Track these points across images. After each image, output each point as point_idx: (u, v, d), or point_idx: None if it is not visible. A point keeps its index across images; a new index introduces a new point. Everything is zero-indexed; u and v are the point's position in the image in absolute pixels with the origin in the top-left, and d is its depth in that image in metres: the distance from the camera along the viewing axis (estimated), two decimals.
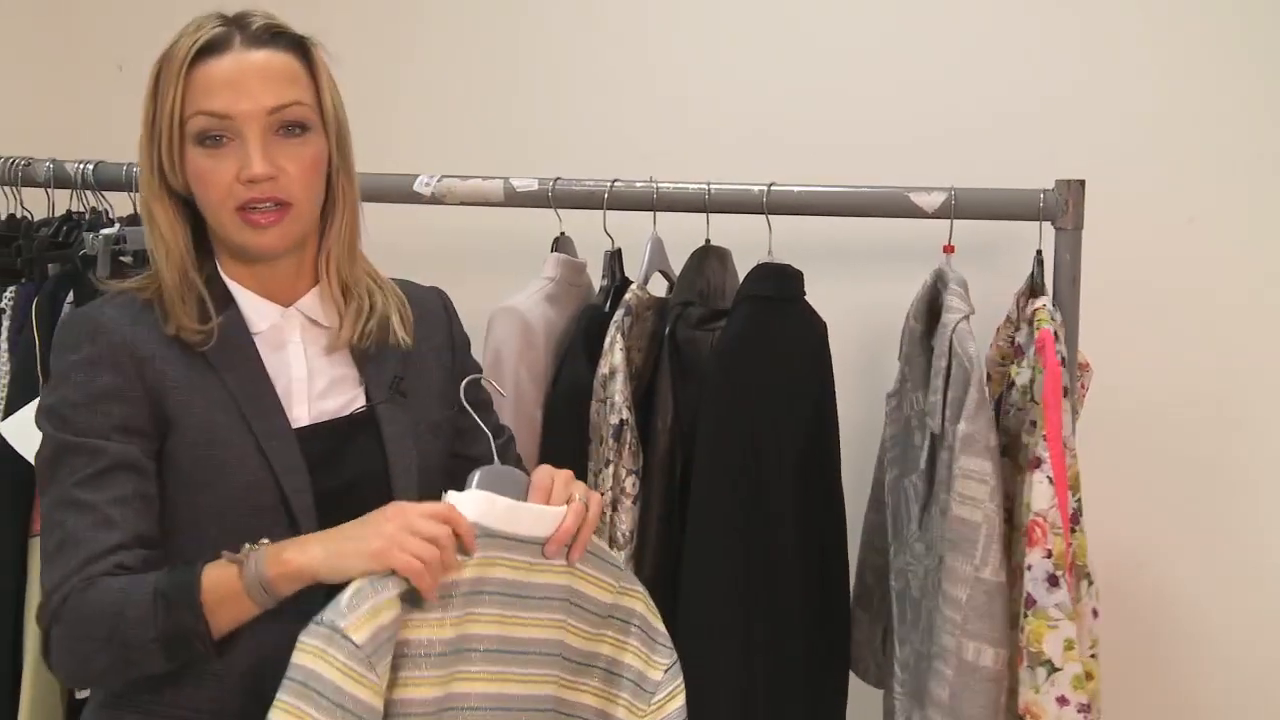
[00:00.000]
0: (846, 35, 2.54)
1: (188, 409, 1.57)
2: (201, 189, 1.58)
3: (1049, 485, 1.93)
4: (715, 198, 2.17)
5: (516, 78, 2.71)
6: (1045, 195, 2.07)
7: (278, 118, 1.58)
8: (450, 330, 1.81)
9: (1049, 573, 1.91)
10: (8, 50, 2.92)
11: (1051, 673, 1.91)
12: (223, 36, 1.57)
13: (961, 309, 2.02)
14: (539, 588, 1.58)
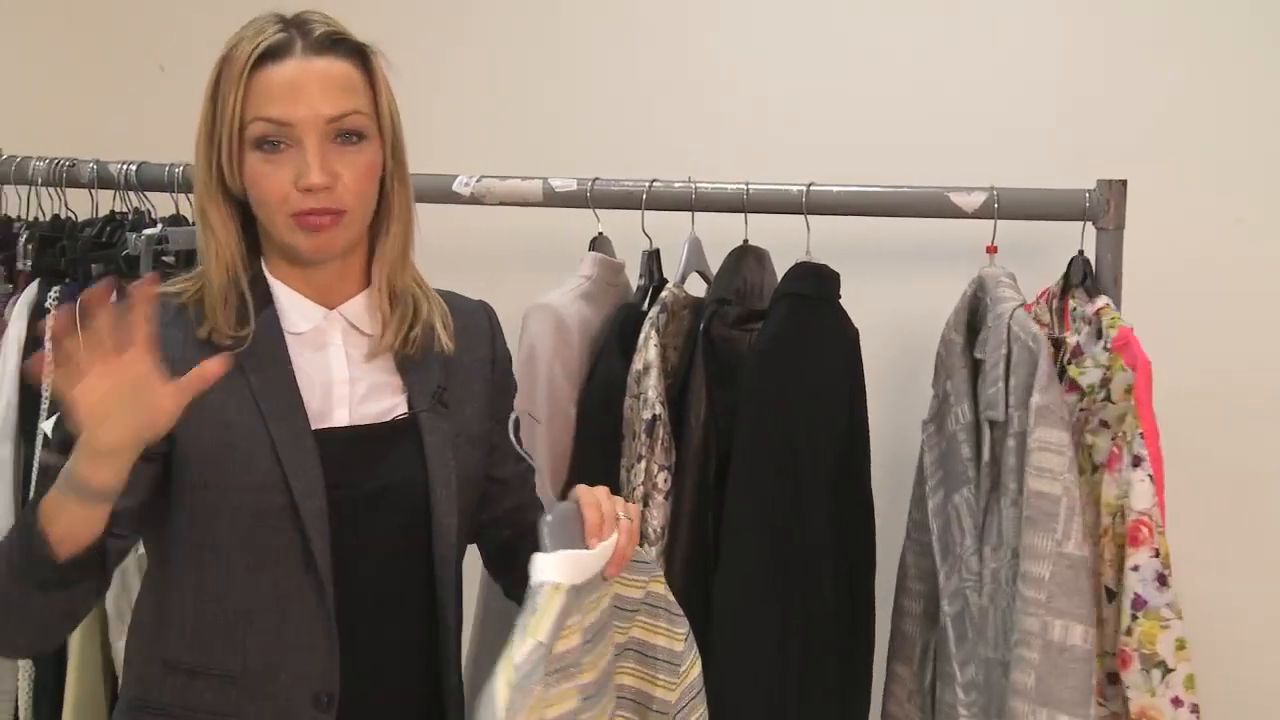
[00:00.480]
0: (885, 35, 2.53)
1: (203, 410, 1.53)
2: (257, 193, 1.59)
3: (1150, 484, 1.91)
4: (754, 198, 2.17)
5: (556, 78, 2.71)
6: (1089, 195, 2.06)
7: (336, 126, 1.58)
8: (493, 345, 1.81)
9: (1158, 572, 1.89)
10: (52, 52, 2.95)
11: (1166, 674, 1.89)
12: (284, 42, 1.57)
13: (1015, 298, 2.00)
14: (603, 612, 1.62)
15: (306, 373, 1.64)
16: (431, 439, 1.67)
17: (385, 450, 1.66)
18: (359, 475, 1.63)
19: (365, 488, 1.63)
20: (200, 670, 1.60)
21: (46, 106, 2.90)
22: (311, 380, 1.64)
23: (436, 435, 1.67)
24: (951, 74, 2.48)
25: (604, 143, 2.64)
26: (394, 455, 1.66)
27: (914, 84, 2.50)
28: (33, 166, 2.52)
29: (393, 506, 1.64)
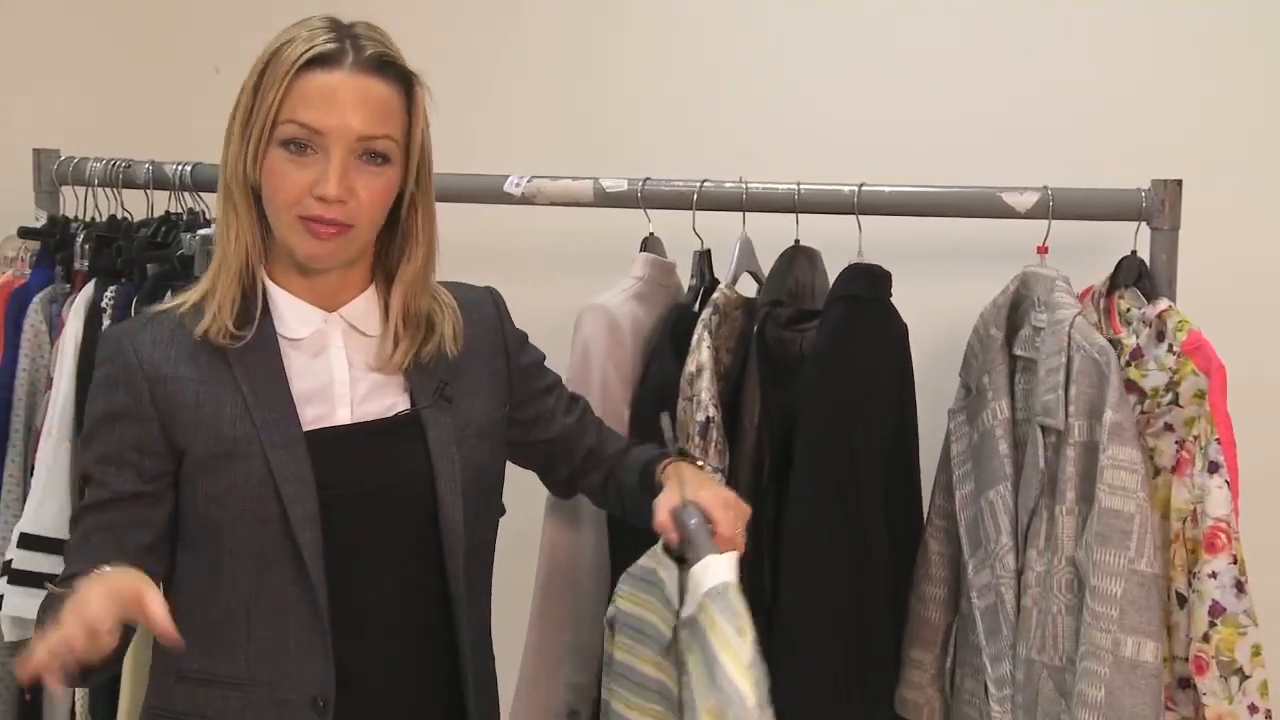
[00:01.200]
0: (935, 35, 2.52)
1: (198, 426, 1.62)
2: (273, 188, 1.61)
3: (1227, 490, 1.90)
4: (805, 198, 2.17)
5: (606, 78, 2.72)
6: (1144, 195, 2.04)
7: (364, 145, 1.61)
8: (503, 331, 1.84)
9: (1236, 579, 1.89)
10: (108, 54, 2.98)
11: (1243, 681, 1.89)
12: (335, 53, 1.60)
13: (1073, 305, 2.00)
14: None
15: (306, 377, 1.67)
16: (435, 433, 1.69)
17: (388, 446, 1.68)
18: (361, 472, 1.66)
19: (368, 484, 1.66)
20: (208, 679, 1.65)
21: (103, 108, 2.93)
22: (311, 384, 1.67)
23: (440, 430, 1.70)
24: (1001, 73, 2.47)
25: (655, 143, 2.64)
26: (397, 451, 1.68)
27: (964, 83, 2.49)
28: (90, 167, 2.55)
29: (397, 501, 1.67)
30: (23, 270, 2.55)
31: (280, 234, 1.63)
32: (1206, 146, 2.35)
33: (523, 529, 2.28)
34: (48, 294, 2.46)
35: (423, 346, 1.71)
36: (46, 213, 2.61)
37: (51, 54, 2.92)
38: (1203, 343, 1.95)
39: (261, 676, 1.62)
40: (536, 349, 1.90)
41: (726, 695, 1.51)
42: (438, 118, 1.72)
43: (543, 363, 1.90)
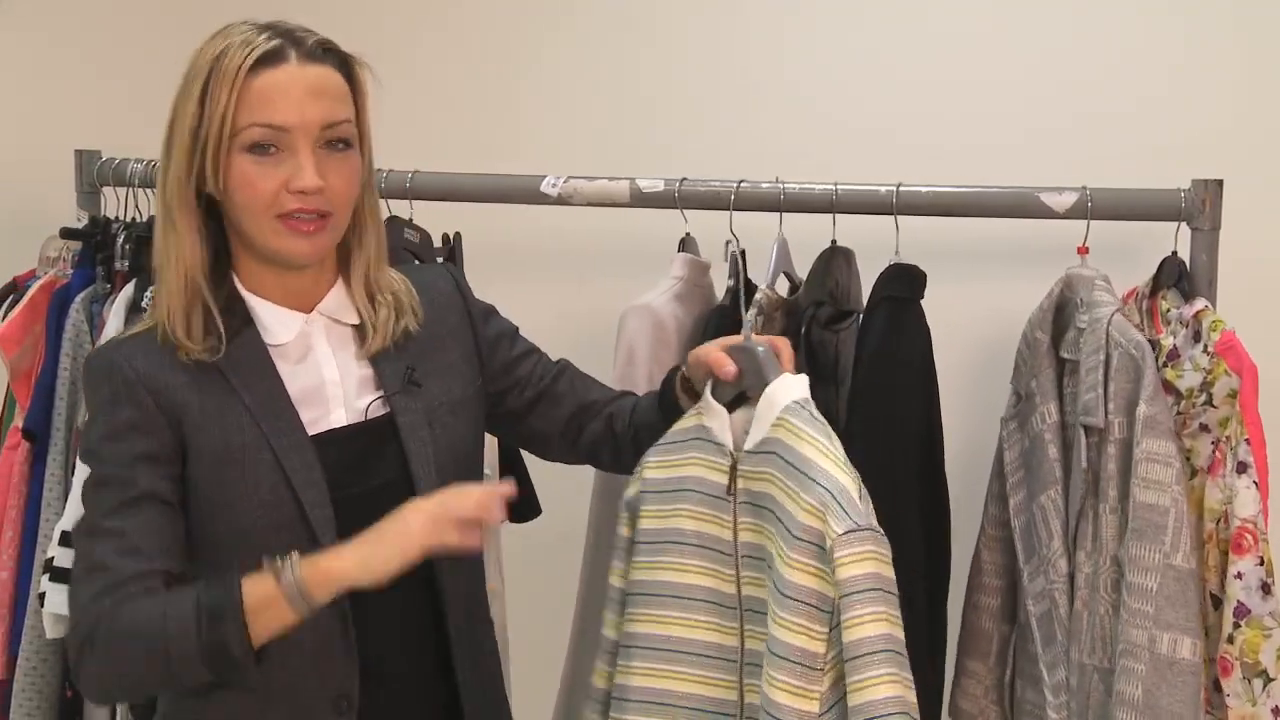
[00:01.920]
0: (973, 32, 2.51)
1: (203, 432, 1.61)
2: (245, 195, 1.59)
3: (1255, 490, 1.89)
4: (843, 198, 2.16)
5: (642, 79, 2.72)
6: (1184, 195, 2.03)
7: (328, 133, 1.61)
8: (465, 306, 1.83)
9: (1262, 580, 1.88)
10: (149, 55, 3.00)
11: (1268, 684, 1.88)
12: (278, 49, 1.59)
13: (1111, 302, 1.99)
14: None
15: (297, 382, 1.67)
16: (404, 419, 1.69)
17: (376, 447, 1.68)
18: (359, 474, 1.66)
19: (364, 486, 1.66)
20: (228, 683, 1.61)
21: (144, 110, 2.94)
22: (304, 387, 1.67)
23: (409, 416, 1.70)
24: (1037, 71, 2.46)
25: (691, 143, 2.64)
26: (381, 450, 1.68)
27: (1001, 81, 2.48)
28: (130, 168, 2.57)
29: (384, 498, 1.64)
30: (64, 270, 2.56)
31: (261, 240, 1.62)
32: (1246, 144, 2.34)
33: (566, 530, 2.29)
34: (89, 294, 2.48)
35: (398, 323, 1.71)
36: (88, 213, 2.63)
37: (93, 56, 2.95)
38: (1235, 343, 1.94)
39: (281, 678, 1.62)
40: (505, 320, 1.89)
41: (829, 490, 1.55)
42: (476, 118, 1.73)
43: (515, 333, 1.88)
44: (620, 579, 1.79)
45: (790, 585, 1.55)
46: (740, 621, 1.68)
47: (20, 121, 2.84)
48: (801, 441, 1.60)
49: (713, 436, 1.71)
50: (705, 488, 1.70)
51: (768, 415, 1.64)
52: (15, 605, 2.46)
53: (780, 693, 1.55)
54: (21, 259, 2.65)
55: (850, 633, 1.52)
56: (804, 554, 1.55)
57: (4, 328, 2.49)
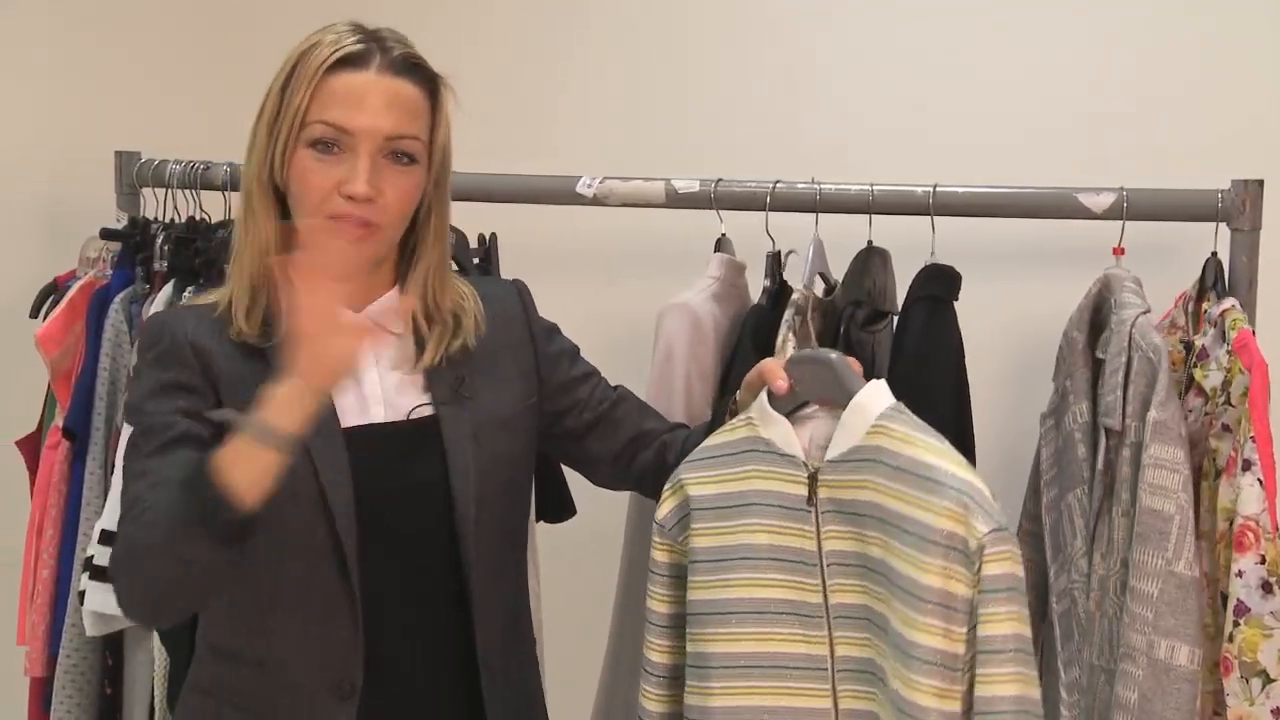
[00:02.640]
0: (1008, 32, 2.50)
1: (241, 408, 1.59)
2: (301, 188, 1.62)
3: (1260, 488, 1.87)
4: (879, 199, 2.16)
5: (677, 79, 2.72)
6: (1223, 195, 2.01)
7: (391, 144, 1.62)
8: (528, 323, 1.84)
9: (1263, 579, 1.86)
10: (187, 57, 3.02)
11: (1266, 684, 1.85)
12: (362, 53, 1.62)
13: (1138, 304, 1.97)
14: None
15: None
16: (450, 431, 1.70)
17: (412, 448, 1.69)
18: (389, 472, 1.67)
19: (393, 484, 1.67)
20: (236, 656, 1.67)
21: (183, 111, 2.97)
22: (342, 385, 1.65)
23: (456, 427, 1.70)
24: (1076, 70, 2.45)
25: (727, 143, 2.64)
26: (420, 452, 1.69)
27: (1040, 81, 2.47)
28: (169, 169, 2.59)
29: (418, 501, 1.68)
30: (104, 271, 2.59)
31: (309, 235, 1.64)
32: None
33: (601, 530, 2.29)
34: (128, 294, 2.50)
35: (452, 342, 1.72)
36: (127, 214, 2.65)
37: (132, 58, 2.97)
38: (1249, 340, 1.92)
39: (285, 659, 1.64)
40: (567, 340, 1.89)
41: (963, 491, 1.55)
42: (511, 119, 1.74)
43: (575, 353, 1.89)
44: (665, 604, 1.77)
45: (924, 589, 1.55)
46: (828, 629, 1.67)
47: (61, 123, 2.87)
48: (914, 446, 1.60)
49: (777, 449, 1.69)
50: (778, 500, 1.69)
51: (859, 423, 1.63)
52: (55, 603, 2.48)
53: (922, 694, 1.54)
54: (62, 260, 2.68)
55: (985, 629, 1.54)
56: (937, 556, 1.55)
57: (45, 328, 2.51)
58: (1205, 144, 2.32)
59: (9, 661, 2.58)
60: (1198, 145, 2.33)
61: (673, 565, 1.76)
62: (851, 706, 1.66)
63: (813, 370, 1.68)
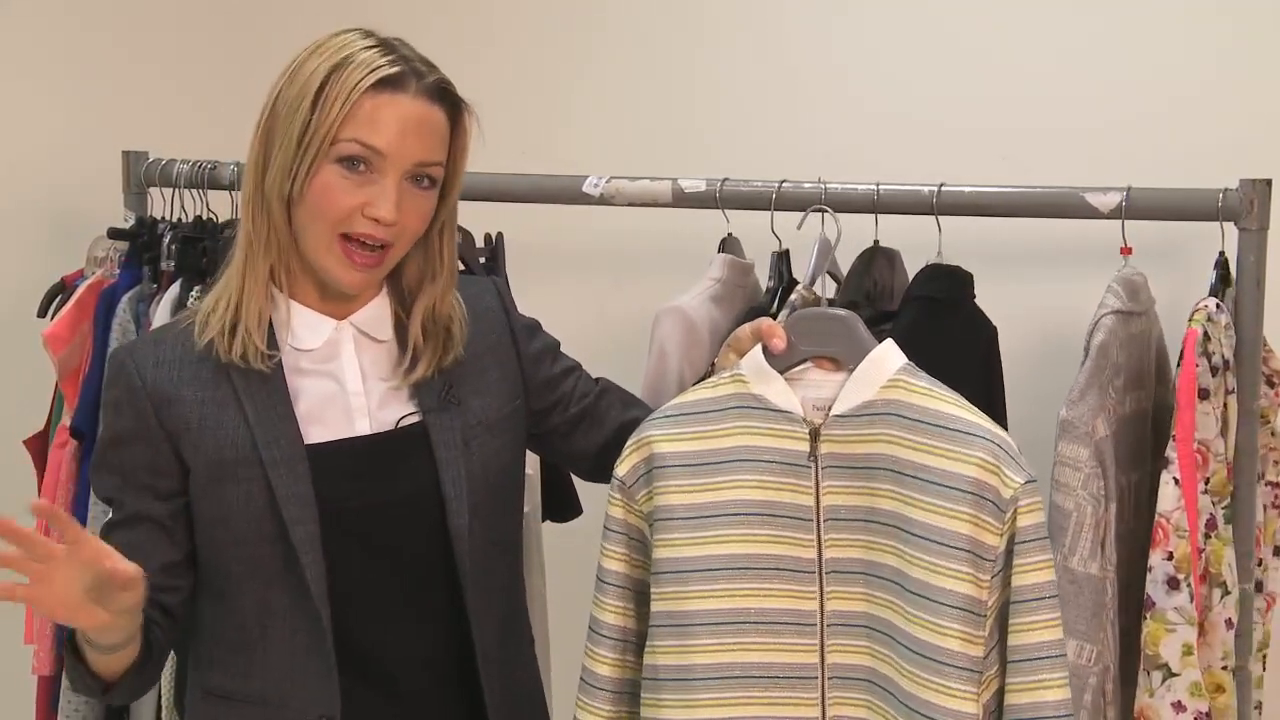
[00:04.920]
0: (1018, 32, 2.49)
1: (200, 450, 1.63)
2: (323, 203, 1.59)
3: (1175, 487, 1.90)
4: (884, 198, 2.15)
5: (684, 79, 2.72)
6: (1225, 195, 2.01)
7: (417, 169, 1.62)
8: (509, 323, 1.82)
9: (1169, 575, 1.88)
10: (196, 57, 3.03)
11: (1168, 678, 1.88)
12: (400, 77, 1.60)
13: (1109, 304, 1.98)
14: None
15: (317, 390, 1.67)
16: (440, 437, 1.69)
17: (400, 459, 1.68)
18: (376, 485, 1.66)
19: (375, 498, 1.66)
20: (226, 695, 1.68)
21: (190, 111, 2.98)
22: (324, 395, 1.67)
23: (445, 434, 1.69)
24: (1083, 71, 2.44)
25: (734, 143, 2.64)
26: (404, 463, 1.68)
27: (1048, 81, 2.46)
28: (176, 169, 2.60)
29: (405, 513, 1.67)
30: (111, 270, 2.59)
31: (315, 251, 1.62)
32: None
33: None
34: (135, 293, 2.50)
35: (445, 356, 1.71)
36: (134, 214, 2.66)
37: (140, 58, 2.97)
38: (1190, 340, 1.94)
39: (272, 695, 1.64)
40: (548, 336, 1.88)
41: (994, 442, 1.57)
42: (518, 118, 1.74)
43: (557, 349, 1.88)
44: (618, 562, 1.72)
45: (952, 535, 1.56)
46: (820, 585, 1.65)
47: (68, 123, 2.88)
48: (936, 400, 1.61)
49: (771, 405, 1.67)
50: (771, 455, 1.66)
51: (874, 378, 1.63)
52: None
53: (950, 639, 1.55)
54: (70, 259, 2.68)
55: (1021, 578, 1.56)
56: (966, 505, 1.56)
57: (52, 327, 2.52)
58: (1217, 145, 2.31)
59: (16, 660, 2.58)
60: (1209, 146, 2.32)
61: (627, 524, 1.72)
62: (840, 661, 1.65)
63: (821, 326, 1.68)
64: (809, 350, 1.68)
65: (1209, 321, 1.96)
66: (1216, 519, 1.98)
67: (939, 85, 2.53)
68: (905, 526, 1.60)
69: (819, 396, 1.67)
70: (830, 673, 1.65)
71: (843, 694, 1.65)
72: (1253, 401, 2.03)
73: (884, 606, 1.62)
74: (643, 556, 1.71)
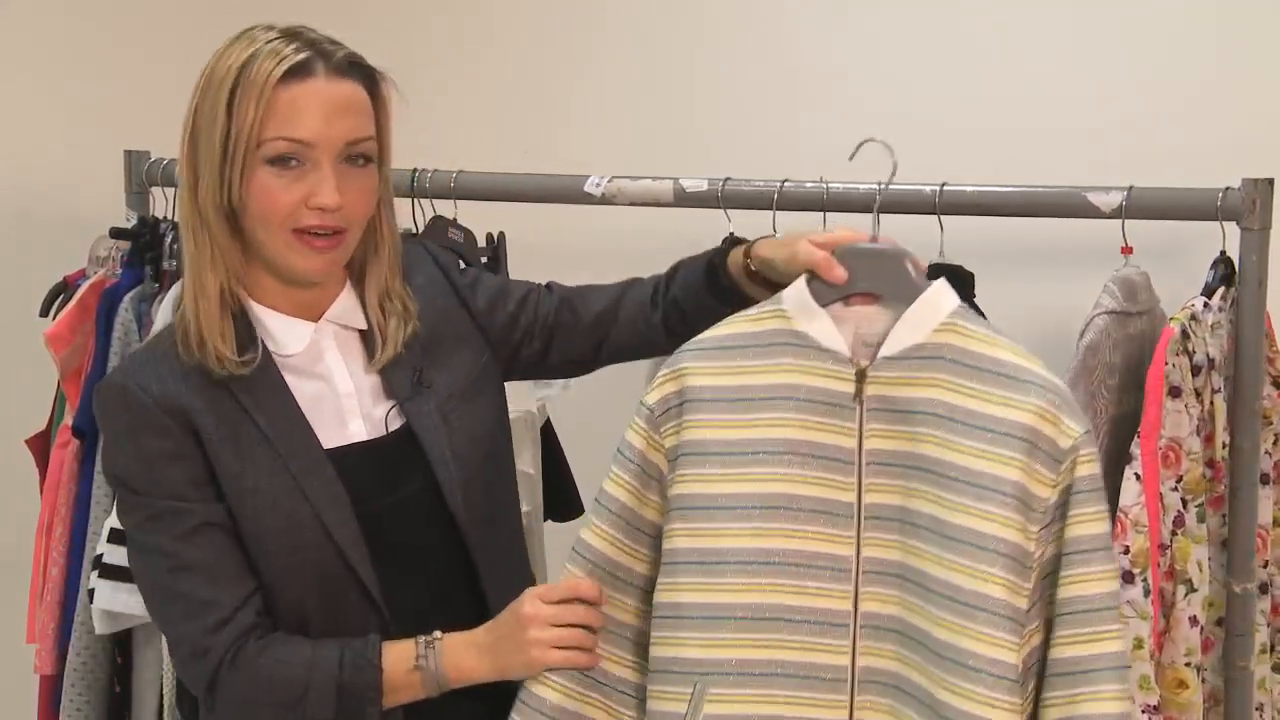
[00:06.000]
0: (1020, 32, 2.50)
1: (220, 460, 1.61)
2: (263, 207, 1.58)
3: (1135, 482, 1.91)
4: (887, 198, 2.14)
5: (685, 78, 2.72)
6: (1225, 194, 2.01)
7: (350, 150, 1.60)
8: (451, 286, 1.81)
9: (1124, 569, 1.89)
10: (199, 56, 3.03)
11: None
12: (306, 63, 1.58)
13: (1103, 304, 1.98)
14: None
15: (310, 394, 1.66)
16: (420, 423, 1.69)
17: (399, 459, 1.68)
18: (384, 488, 1.66)
19: (392, 498, 1.66)
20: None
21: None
22: (318, 400, 1.66)
23: (424, 419, 1.69)
24: (1087, 72, 2.45)
25: (735, 143, 2.64)
26: (407, 460, 1.68)
27: (1049, 81, 2.47)
28: (178, 168, 2.59)
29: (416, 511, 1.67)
30: (114, 270, 2.59)
31: (273, 253, 1.61)
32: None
33: None
34: (137, 293, 2.50)
35: (406, 329, 1.71)
36: (136, 213, 2.65)
37: (142, 58, 2.98)
38: (1166, 337, 1.95)
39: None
40: (490, 278, 1.86)
41: (1053, 391, 1.52)
42: (520, 118, 1.74)
43: (503, 287, 1.86)
44: (626, 493, 1.64)
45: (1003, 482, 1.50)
46: (857, 530, 1.58)
47: (69, 123, 2.88)
48: (992, 346, 1.55)
49: (816, 343, 1.59)
50: (815, 395, 1.58)
51: (928, 320, 1.57)
52: (65, 602, 2.49)
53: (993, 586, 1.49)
54: (72, 259, 2.68)
55: (1078, 529, 1.51)
56: (1019, 452, 1.50)
57: (54, 327, 2.52)
58: (1218, 144, 2.31)
59: (19, 660, 2.58)
60: (1211, 146, 2.32)
61: (644, 457, 1.63)
62: (873, 609, 1.58)
63: (871, 263, 1.61)
64: (857, 287, 1.61)
65: (1192, 320, 1.96)
66: (1186, 517, 1.97)
67: (939, 85, 2.53)
68: (947, 472, 1.52)
69: (867, 333, 1.60)
70: (863, 620, 1.59)
71: (873, 643, 1.58)
72: (1253, 402, 2.03)
73: (916, 555, 1.55)
74: (651, 494, 1.64)
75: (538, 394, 2.47)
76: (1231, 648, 2.05)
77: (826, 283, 1.61)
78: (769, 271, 1.69)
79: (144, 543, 1.63)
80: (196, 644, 1.60)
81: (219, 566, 1.60)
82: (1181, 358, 1.95)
